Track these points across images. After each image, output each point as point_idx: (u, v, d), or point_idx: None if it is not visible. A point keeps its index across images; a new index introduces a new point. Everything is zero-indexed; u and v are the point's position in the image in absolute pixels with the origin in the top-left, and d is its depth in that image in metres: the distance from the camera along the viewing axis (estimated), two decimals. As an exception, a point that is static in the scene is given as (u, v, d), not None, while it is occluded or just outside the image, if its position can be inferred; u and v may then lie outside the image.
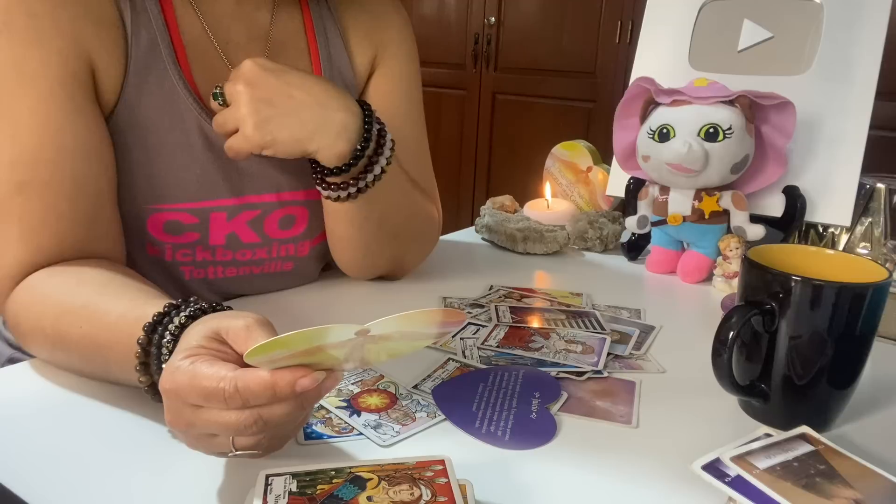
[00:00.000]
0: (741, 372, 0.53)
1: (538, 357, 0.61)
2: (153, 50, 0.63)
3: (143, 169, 0.63)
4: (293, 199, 0.71)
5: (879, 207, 0.82)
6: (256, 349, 0.37)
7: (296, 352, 0.38)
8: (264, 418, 0.38)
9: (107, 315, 0.49)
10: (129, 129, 0.62)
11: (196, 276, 0.69)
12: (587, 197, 1.07)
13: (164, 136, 0.63)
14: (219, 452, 0.41)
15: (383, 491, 0.39)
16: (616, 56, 2.62)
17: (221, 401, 0.38)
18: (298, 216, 0.72)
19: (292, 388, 0.38)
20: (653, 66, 0.95)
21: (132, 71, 0.62)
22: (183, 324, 0.44)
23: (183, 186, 0.65)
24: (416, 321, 0.41)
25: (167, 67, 0.63)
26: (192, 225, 0.66)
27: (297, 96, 0.62)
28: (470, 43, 2.97)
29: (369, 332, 0.39)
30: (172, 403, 0.40)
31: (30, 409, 0.51)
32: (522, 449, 0.48)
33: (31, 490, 0.42)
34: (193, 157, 0.65)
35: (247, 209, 0.69)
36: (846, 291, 0.48)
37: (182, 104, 0.64)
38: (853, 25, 0.85)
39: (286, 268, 0.74)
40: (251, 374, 0.38)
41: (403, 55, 0.80)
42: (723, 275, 0.83)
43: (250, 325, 0.41)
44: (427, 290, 0.78)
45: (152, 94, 0.63)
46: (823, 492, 0.39)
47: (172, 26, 0.64)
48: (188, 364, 0.39)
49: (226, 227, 0.68)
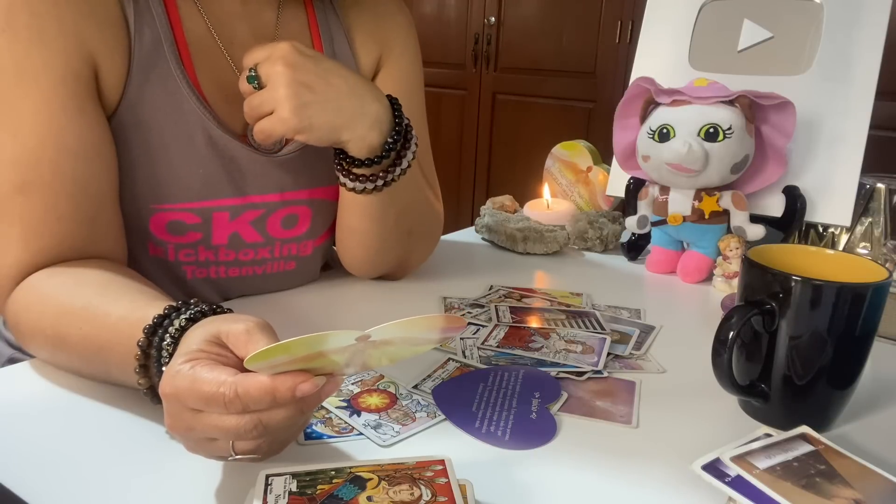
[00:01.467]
0: (741, 372, 0.53)
1: (538, 357, 0.61)
2: (157, 48, 0.63)
3: (145, 168, 0.63)
4: (296, 198, 0.71)
5: (879, 207, 0.82)
6: (257, 355, 0.37)
7: (296, 357, 0.38)
8: (264, 423, 0.38)
9: (107, 316, 0.49)
10: (132, 129, 0.62)
11: (198, 276, 0.69)
12: (587, 197, 1.07)
13: (167, 135, 0.63)
14: (218, 456, 0.41)
15: (383, 491, 0.39)
16: (616, 56, 2.62)
17: (221, 405, 0.38)
18: (301, 216, 0.72)
19: (292, 393, 0.38)
20: (653, 66, 0.95)
21: (135, 69, 0.62)
22: (183, 326, 0.44)
23: (186, 186, 0.64)
24: (417, 327, 0.41)
25: (170, 66, 0.63)
26: (194, 225, 0.66)
27: (336, 84, 0.62)
28: (470, 43, 2.97)
29: (370, 337, 0.39)
30: (172, 407, 0.40)
31: (30, 409, 0.51)
32: (522, 449, 0.48)
33: (31, 490, 0.42)
34: (197, 157, 0.65)
35: (250, 209, 0.68)
36: (846, 291, 0.48)
37: (185, 103, 0.64)
38: (853, 25, 0.85)
39: (289, 267, 0.74)
40: (251, 379, 0.38)
41: (408, 55, 0.80)
42: (723, 275, 0.83)
43: (251, 329, 0.41)
44: (427, 290, 0.78)
45: (155, 92, 0.63)
46: (823, 492, 0.39)
47: (176, 25, 0.64)
48: (188, 368, 0.39)
49: (228, 226, 0.68)
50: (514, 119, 2.94)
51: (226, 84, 0.67)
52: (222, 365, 0.40)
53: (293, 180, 0.71)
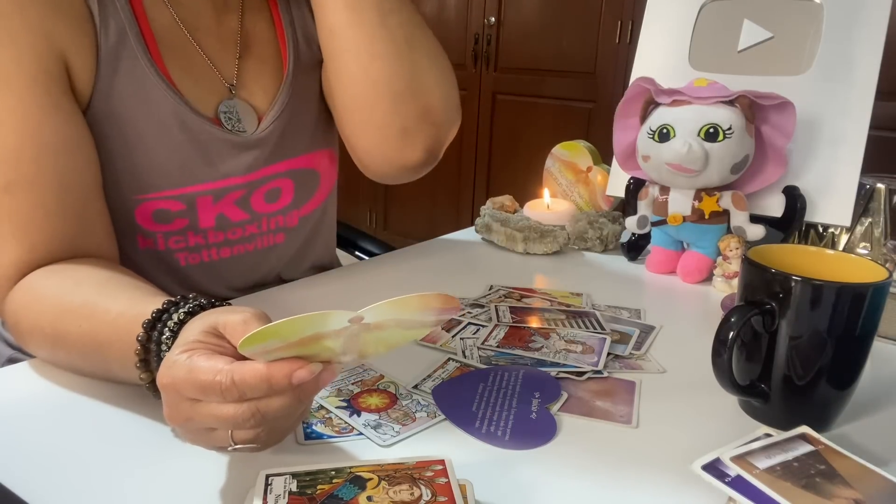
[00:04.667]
0: (741, 372, 0.53)
1: (538, 357, 0.61)
2: (122, 40, 0.63)
3: (124, 159, 0.64)
4: (276, 171, 0.72)
5: (879, 207, 0.82)
6: (248, 339, 0.37)
7: (290, 342, 0.38)
8: (262, 411, 0.38)
9: (106, 313, 0.49)
10: (107, 121, 0.63)
11: (192, 262, 0.70)
12: (587, 197, 1.07)
13: (140, 124, 0.64)
14: (218, 447, 0.41)
15: (383, 491, 0.39)
16: (616, 56, 2.62)
17: (218, 394, 0.38)
18: (284, 188, 0.73)
19: (288, 379, 0.37)
20: (653, 66, 0.95)
21: (103, 62, 0.62)
22: (182, 320, 0.44)
23: (165, 174, 0.65)
24: (410, 306, 0.41)
25: (137, 55, 0.64)
26: (179, 211, 0.67)
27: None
28: (470, 43, 2.97)
29: (363, 318, 0.38)
30: (170, 398, 0.40)
31: (30, 409, 0.51)
32: (522, 449, 0.48)
33: (31, 490, 0.42)
34: (172, 143, 0.65)
35: (232, 190, 0.69)
36: (846, 291, 0.48)
37: (155, 91, 0.64)
38: (853, 25, 0.85)
39: (278, 240, 0.75)
40: (247, 367, 0.38)
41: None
42: (723, 275, 0.83)
43: (247, 319, 0.41)
44: (427, 290, 0.77)
45: (125, 83, 0.63)
46: (823, 492, 0.39)
47: (140, 15, 0.65)
48: (185, 358, 0.39)
49: (213, 209, 0.69)
50: (514, 119, 2.94)
51: (194, 69, 0.68)
52: (219, 354, 0.40)
53: (271, 155, 0.71)
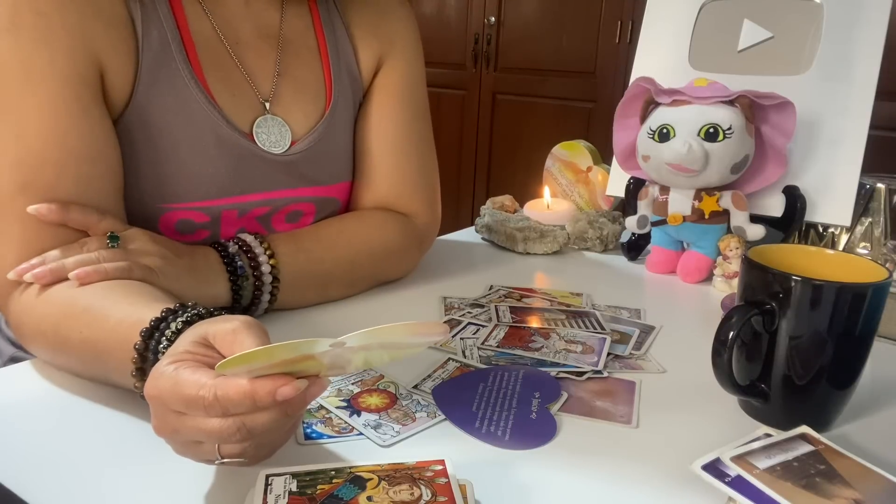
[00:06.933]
0: (741, 372, 0.53)
1: (538, 357, 0.61)
2: (164, 49, 0.63)
3: (154, 168, 0.63)
4: (303, 195, 0.72)
5: (879, 207, 0.82)
6: (224, 364, 0.37)
7: (273, 363, 0.37)
8: (248, 426, 0.37)
9: (106, 320, 0.49)
10: (140, 129, 0.62)
11: None
12: (587, 197, 1.07)
13: (176, 135, 0.63)
14: (206, 460, 0.40)
15: (383, 491, 0.39)
16: (616, 56, 2.62)
17: (202, 408, 0.37)
18: (306, 212, 0.73)
19: (272, 396, 0.37)
20: (653, 66, 0.95)
21: (143, 70, 0.61)
22: (179, 329, 0.44)
23: (196, 185, 0.65)
24: (393, 334, 0.39)
25: (179, 66, 0.63)
26: (203, 223, 0.66)
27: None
28: (470, 43, 2.97)
29: (345, 344, 0.37)
30: (157, 409, 0.39)
31: (31, 408, 0.51)
32: (522, 449, 0.48)
33: (31, 490, 0.42)
34: (206, 156, 0.65)
35: (258, 206, 0.69)
36: (846, 291, 0.48)
37: (194, 103, 0.64)
38: (853, 25, 0.85)
39: None
40: (231, 383, 0.37)
41: (409, 52, 0.80)
42: (723, 275, 0.83)
43: (237, 329, 0.40)
44: (427, 290, 0.78)
45: (164, 93, 0.62)
46: (823, 492, 0.39)
47: (183, 25, 0.64)
48: (172, 370, 0.39)
49: (236, 223, 0.68)
50: (514, 119, 2.94)
51: (232, 82, 0.67)
52: (206, 367, 0.39)
53: (301, 178, 0.71)
